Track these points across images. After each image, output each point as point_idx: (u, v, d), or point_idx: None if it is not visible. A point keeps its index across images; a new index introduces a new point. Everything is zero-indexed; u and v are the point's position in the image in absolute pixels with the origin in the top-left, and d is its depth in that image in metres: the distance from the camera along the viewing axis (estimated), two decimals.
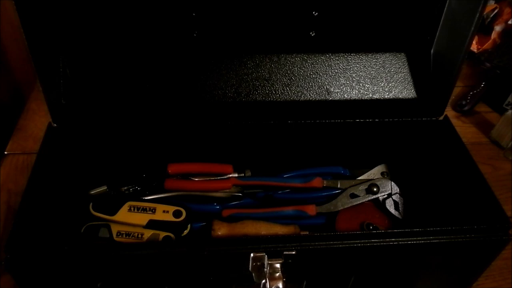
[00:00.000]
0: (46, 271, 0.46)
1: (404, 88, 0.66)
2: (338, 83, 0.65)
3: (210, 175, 0.64)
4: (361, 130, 0.65)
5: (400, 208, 0.63)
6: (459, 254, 0.51)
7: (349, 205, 0.62)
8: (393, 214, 0.62)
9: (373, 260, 0.51)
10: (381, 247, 0.48)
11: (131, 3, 0.57)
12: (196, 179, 0.64)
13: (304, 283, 0.53)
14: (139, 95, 0.62)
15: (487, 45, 0.96)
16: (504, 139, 0.82)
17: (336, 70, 0.66)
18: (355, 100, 0.66)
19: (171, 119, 0.63)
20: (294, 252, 0.47)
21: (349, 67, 0.66)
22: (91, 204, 0.57)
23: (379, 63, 0.66)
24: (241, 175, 0.65)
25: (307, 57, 0.65)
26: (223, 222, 0.58)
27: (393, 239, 0.48)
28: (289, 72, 0.65)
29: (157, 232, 0.55)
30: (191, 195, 0.63)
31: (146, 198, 0.60)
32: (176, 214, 0.57)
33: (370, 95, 0.66)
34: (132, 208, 0.56)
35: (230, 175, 0.64)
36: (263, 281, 0.49)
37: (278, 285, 0.49)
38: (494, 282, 0.62)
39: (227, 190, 0.63)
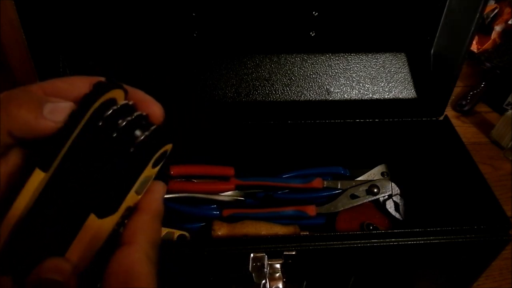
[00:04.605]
0: None
1: (404, 88, 0.66)
2: (338, 83, 0.65)
3: (212, 177, 0.65)
4: (361, 130, 0.65)
5: (400, 209, 0.63)
6: (459, 254, 0.51)
7: (349, 206, 0.62)
8: (393, 215, 0.62)
9: (373, 260, 0.51)
10: (381, 247, 0.48)
11: (131, 3, 0.57)
12: (199, 181, 0.64)
13: (304, 283, 0.53)
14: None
15: (487, 45, 0.96)
16: (504, 139, 0.82)
17: (336, 70, 0.66)
18: (355, 100, 0.66)
19: (171, 119, 0.63)
20: (294, 252, 0.47)
21: (349, 67, 0.66)
22: None
23: (379, 63, 0.66)
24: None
25: (307, 57, 0.65)
26: (223, 222, 0.58)
27: (393, 239, 0.48)
28: (289, 72, 0.65)
29: (172, 230, 0.54)
30: (194, 197, 0.63)
31: None
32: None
33: (370, 95, 0.66)
34: None
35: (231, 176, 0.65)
36: (263, 281, 0.49)
37: (278, 285, 0.49)
38: (494, 282, 0.62)
39: (230, 192, 0.63)
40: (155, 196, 0.25)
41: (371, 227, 0.60)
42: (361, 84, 0.66)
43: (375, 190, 0.62)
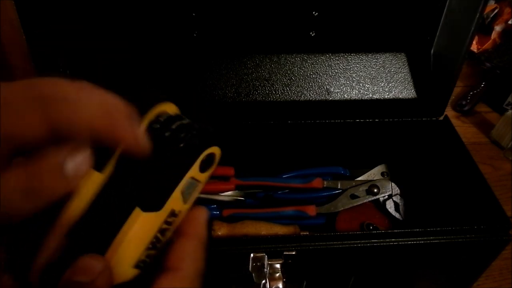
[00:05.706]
0: None
1: (404, 88, 0.66)
2: (338, 83, 0.65)
3: (212, 177, 0.65)
4: (361, 130, 0.65)
5: (400, 209, 0.63)
6: (459, 254, 0.51)
7: (349, 206, 0.62)
8: (393, 215, 0.62)
9: (373, 260, 0.51)
10: (381, 247, 0.48)
11: (131, 3, 0.57)
12: None
13: (304, 283, 0.53)
14: (139, 95, 0.62)
15: (487, 45, 0.96)
16: (504, 139, 0.82)
17: (336, 70, 0.66)
18: (355, 100, 0.66)
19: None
20: (294, 252, 0.47)
21: (349, 67, 0.66)
22: None
23: (379, 63, 0.66)
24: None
25: (307, 57, 0.65)
26: (223, 222, 0.58)
27: (393, 239, 0.48)
28: (289, 72, 0.65)
29: None
30: None
31: None
32: None
33: (370, 95, 0.66)
34: None
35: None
36: (263, 281, 0.49)
37: (278, 285, 0.49)
38: (494, 282, 0.62)
39: (230, 192, 0.63)
40: (199, 221, 0.25)
41: (371, 227, 0.60)
42: (361, 84, 0.66)
43: (375, 190, 0.62)
